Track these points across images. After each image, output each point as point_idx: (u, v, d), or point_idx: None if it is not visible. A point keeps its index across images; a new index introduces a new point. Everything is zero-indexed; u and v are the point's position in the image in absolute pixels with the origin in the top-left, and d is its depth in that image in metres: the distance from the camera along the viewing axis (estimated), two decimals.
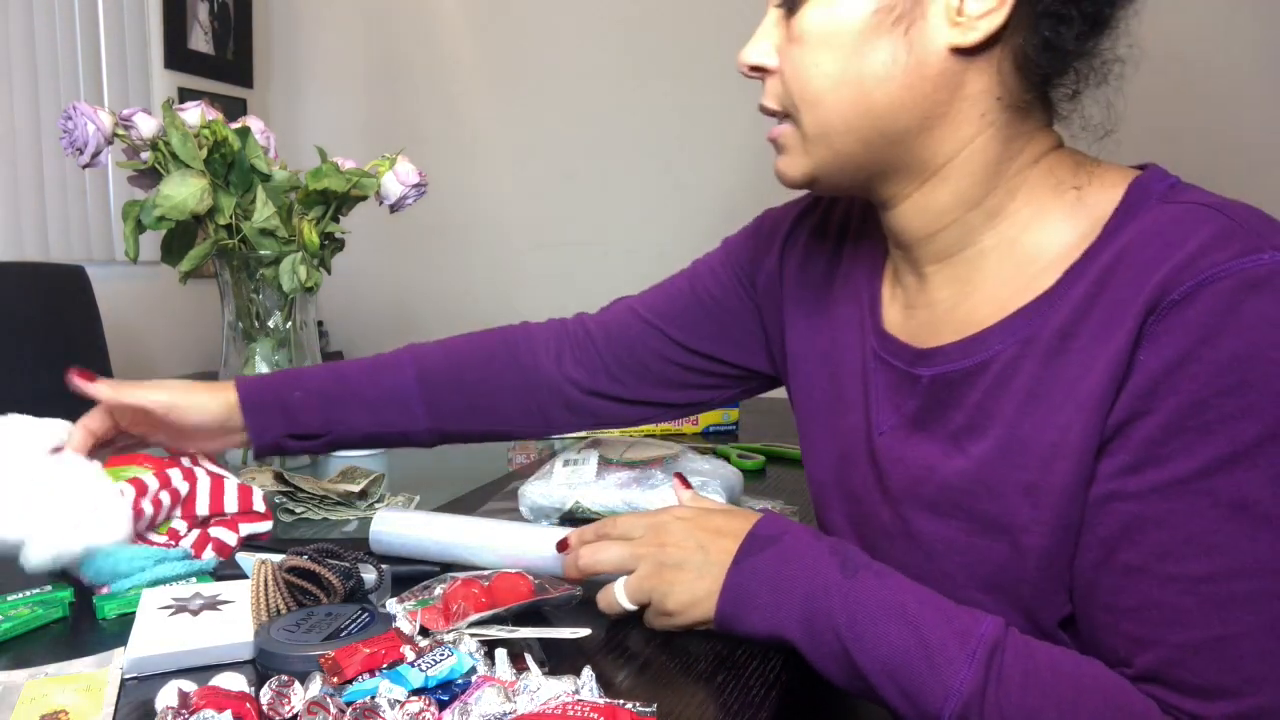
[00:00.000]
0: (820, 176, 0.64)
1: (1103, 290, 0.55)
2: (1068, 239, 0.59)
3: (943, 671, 0.54)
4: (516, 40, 2.73)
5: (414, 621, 0.61)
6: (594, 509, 0.88)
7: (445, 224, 2.79)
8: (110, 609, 0.68)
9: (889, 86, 0.59)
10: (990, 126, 0.60)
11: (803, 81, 0.61)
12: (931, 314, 0.66)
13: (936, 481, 0.62)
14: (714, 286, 0.83)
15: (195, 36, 2.68)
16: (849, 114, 0.60)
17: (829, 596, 0.58)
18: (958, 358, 0.62)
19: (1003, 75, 0.59)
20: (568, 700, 0.50)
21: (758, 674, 0.60)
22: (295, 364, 1.13)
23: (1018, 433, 0.58)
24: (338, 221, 1.15)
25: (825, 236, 0.78)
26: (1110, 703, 0.52)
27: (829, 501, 0.73)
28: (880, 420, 0.67)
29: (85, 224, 2.35)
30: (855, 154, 0.62)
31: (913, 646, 0.55)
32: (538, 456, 1.19)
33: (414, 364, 0.86)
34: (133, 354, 2.39)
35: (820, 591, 0.59)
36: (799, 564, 0.61)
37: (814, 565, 0.60)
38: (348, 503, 0.95)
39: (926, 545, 0.62)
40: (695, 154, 2.53)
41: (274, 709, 0.52)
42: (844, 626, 0.57)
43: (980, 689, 0.53)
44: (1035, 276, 0.60)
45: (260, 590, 0.63)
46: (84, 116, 1.04)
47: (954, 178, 0.62)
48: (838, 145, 0.62)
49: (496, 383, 0.86)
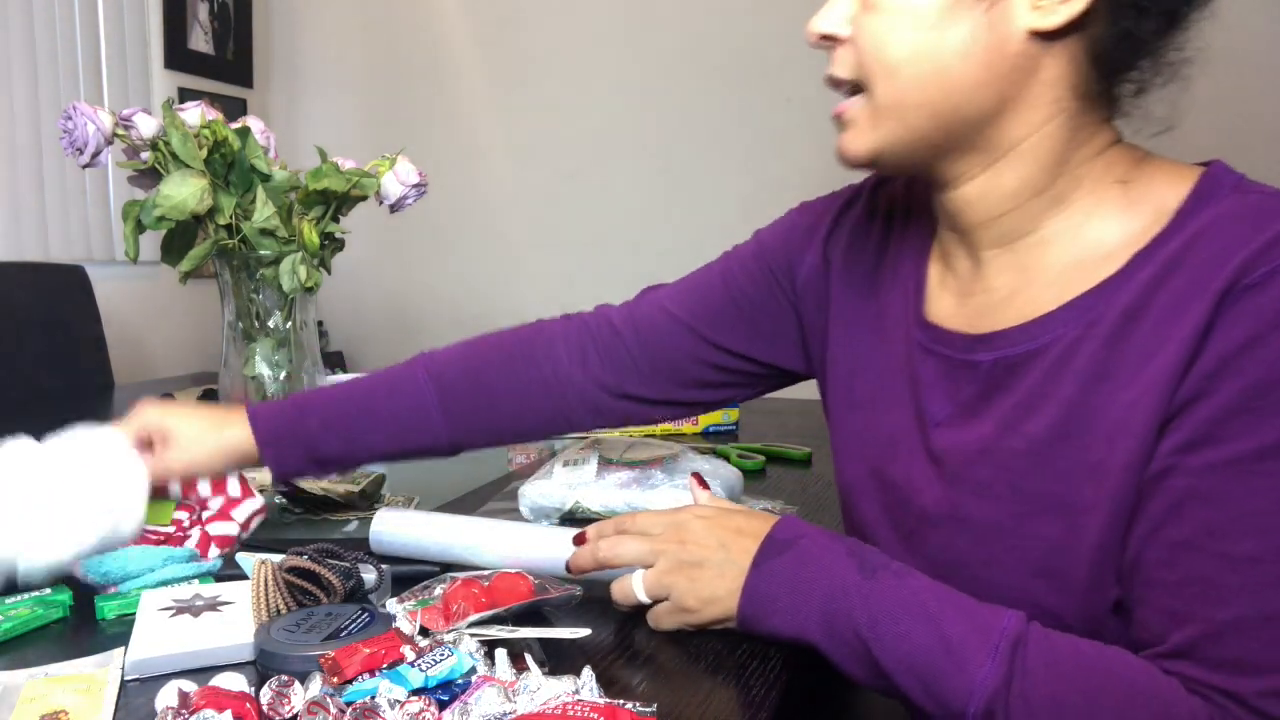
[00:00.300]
0: (886, 153, 0.64)
1: (1173, 273, 0.56)
2: (1131, 229, 0.59)
3: (966, 667, 0.54)
4: (516, 40, 2.73)
5: (414, 621, 0.61)
6: (594, 509, 0.88)
7: (445, 224, 2.79)
8: (110, 609, 0.68)
9: (967, 63, 0.59)
10: (1061, 114, 0.60)
11: (879, 51, 0.61)
12: (988, 300, 0.66)
13: (992, 464, 0.62)
14: (748, 284, 0.81)
15: (195, 36, 2.68)
16: (924, 88, 0.60)
17: (848, 597, 0.58)
18: (1019, 341, 0.62)
19: (1077, 64, 0.59)
20: (568, 700, 0.50)
21: (758, 674, 0.60)
22: (295, 364, 1.13)
23: (1081, 412, 0.58)
24: (338, 221, 1.15)
25: (869, 229, 0.77)
26: (1134, 689, 0.52)
27: (863, 492, 0.73)
28: (935, 410, 0.67)
29: (85, 224, 2.35)
30: (925, 131, 0.62)
31: (935, 644, 0.55)
32: (538, 456, 1.19)
33: (431, 378, 0.83)
34: (133, 354, 2.39)
35: (839, 593, 0.59)
36: (817, 566, 0.61)
37: (832, 567, 0.60)
38: (348, 503, 0.95)
39: (977, 530, 0.62)
40: (695, 154, 2.53)
41: (274, 709, 0.52)
42: (865, 627, 0.57)
43: (1005, 682, 0.53)
44: (1098, 264, 0.60)
45: (260, 590, 0.63)
46: (84, 116, 1.04)
47: (1021, 162, 0.62)
48: (910, 120, 0.61)
49: (519, 391, 0.84)
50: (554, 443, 1.26)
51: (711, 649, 0.64)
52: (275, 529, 0.90)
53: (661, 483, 0.88)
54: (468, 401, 0.83)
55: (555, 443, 1.26)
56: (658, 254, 2.59)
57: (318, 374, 1.16)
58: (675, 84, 2.53)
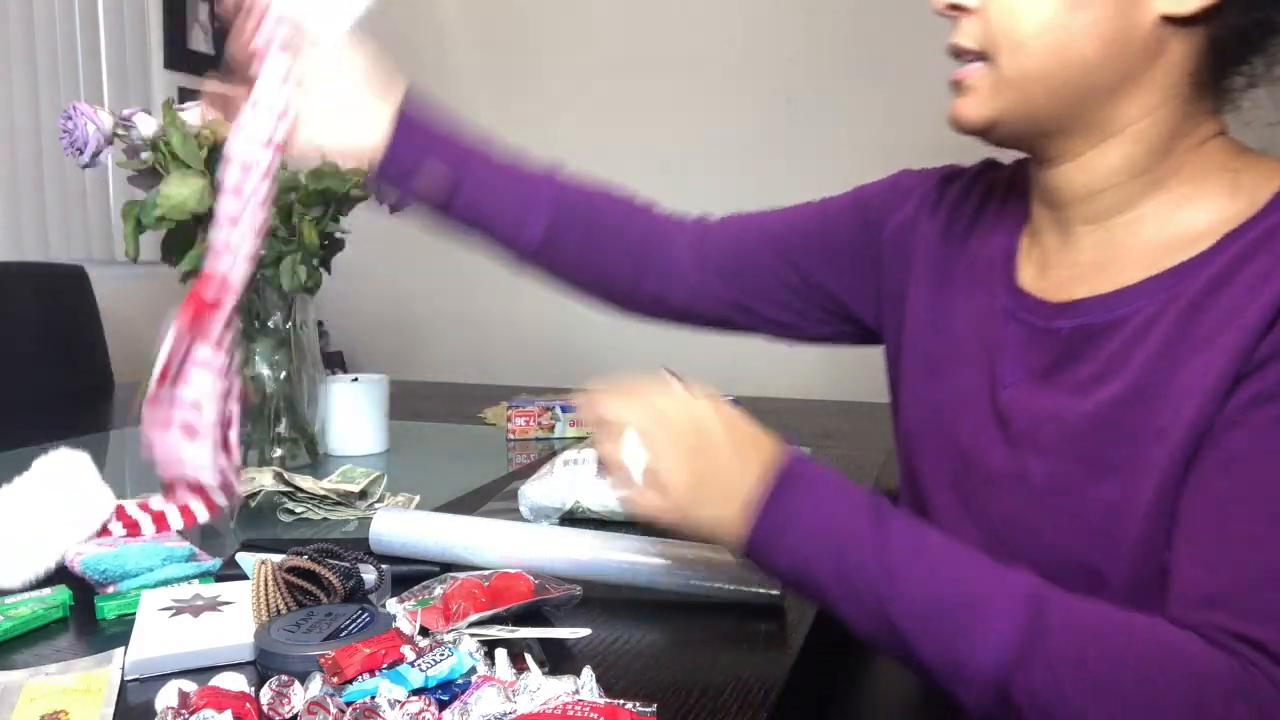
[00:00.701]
0: (1001, 123, 0.64)
1: (1259, 251, 0.57)
2: (1225, 214, 0.60)
3: (986, 620, 0.52)
4: (516, 40, 2.73)
5: (414, 621, 0.61)
6: (594, 509, 0.88)
7: None
8: (110, 609, 0.68)
9: (1095, 42, 0.60)
10: (1174, 99, 0.61)
11: (1011, 22, 0.61)
12: (1073, 272, 0.67)
13: (1060, 427, 0.62)
14: (840, 222, 0.83)
15: (195, 36, 2.68)
16: (1051, 62, 0.61)
17: (861, 543, 0.56)
18: (1100, 311, 0.63)
19: (1199, 51, 0.60)
20: (568, 700, 0.50)
21: (758, 674, 0.60)
22: (295, 364, 1.13)
23: (1153, 378, 0.58)
24: (338, 221, 1.15)
25: (964, 201, 0.78)
26: (1156, 644, 0.51)
27: (922, 451, 0.73)
28: (1008, 374, 0.68)
29: (85, 224, 2.34)
30: (1043, 104, 0.63)
31: (951, 596, 0.53)
32: (538, 456, 1.19)
33: (554, 175, 0.86)
34: (133, 354, 2.39)
35: (853, 537, 0.56)
36: (832, 506, 0.58)
37: (847, 510, 0.58)
38: (348, 503, 0.95)
39: (1038, 492, 0.62)
40: (695, 154, 2.52)
41: (274, 709, 0.52)
42: (878, 574, 0.55)
43: (1028, 638, 0.51)
44: (1187, 244, 0.61)
45: (260, 590, 0.63)
46: (84, 116, 1.04)
47: (1128, 143, 0.63)
48: (1030, 92, 0.62)
49: (623, 230, 0.86)
50: (554, 443, 1.26)
51: (712, 649, 0.64)
52: (275, 529, 0.90)
53: None
54: (576, 208, 0.85)
55: (555, 443, 1.26)
56: None
57: (318, 374, 1.16)
58: (676, 85, 2.53)
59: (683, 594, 0.71)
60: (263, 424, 1.12)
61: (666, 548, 0.72)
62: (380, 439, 1.22)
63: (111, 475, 1.21)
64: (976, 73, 0.64)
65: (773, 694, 0.58)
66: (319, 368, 1.17)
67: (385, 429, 1.23)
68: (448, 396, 1.70)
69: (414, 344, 2.93)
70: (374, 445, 1.21)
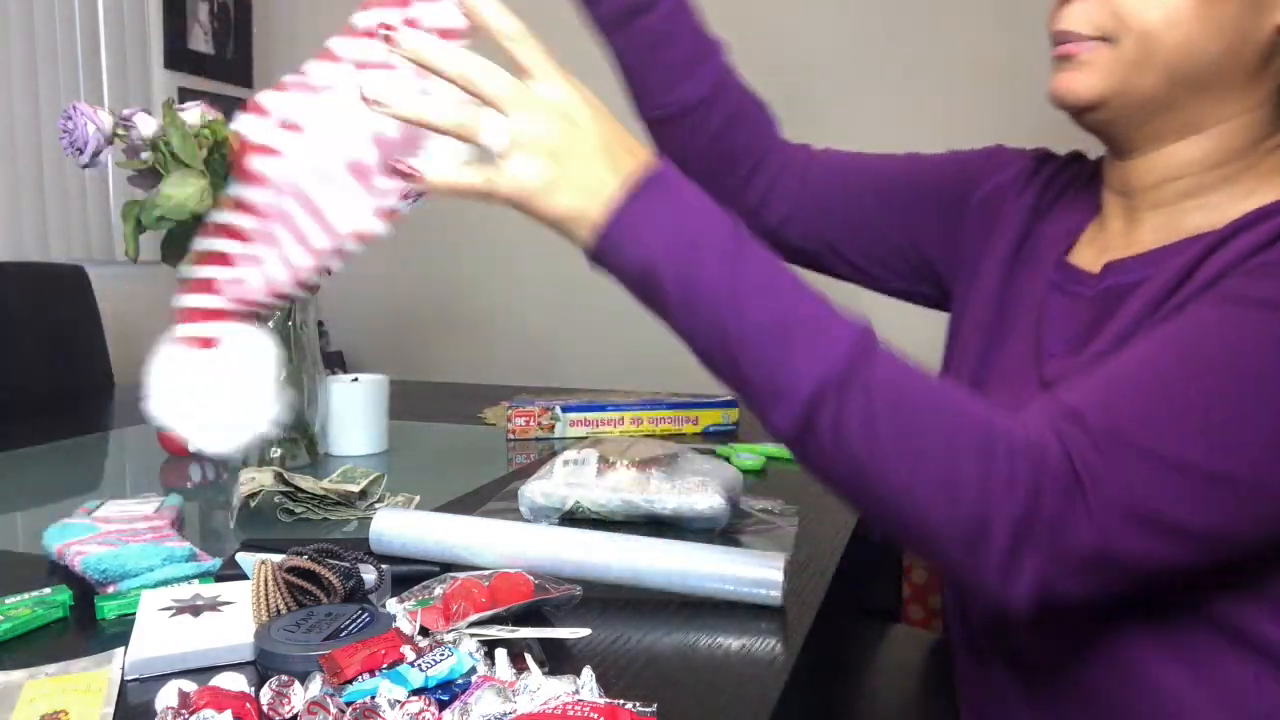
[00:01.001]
0: (1107, 103, 0.66)
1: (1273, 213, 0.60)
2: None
3: (820, 342, 0.53)
4: None
5: (414, 621, 0.61)
6: (594, 509, 0.88)
7: (445, 224, 2.79)
8: (110, 609, 0.68)
9: (1216, 40, 0.62)
10: (1266, 105, 0.65)
11: (1141, 10, 0.63)
12: (1124, 253, 0.69)
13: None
14: (937, 179, 0.86)
15: (195, 36, 2.68)
16: (1172, 54, 0.63)
17: (712, 254, 0.55)
18: (1125, 273, 0.66)
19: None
20: (568, 700, 0.50)
21: (758, 674, 0.61)
22: (295, 364, 1.13)
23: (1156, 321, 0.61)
24: None
25: (1052, 185, 0.81)
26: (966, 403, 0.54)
27: None
28: (1051, 343, 0.70)
29: (85, 224, 2.34)
30: (1153, 92, 0.65)
31: (792, 314, 0.54)
32: (538, 456, 1.19)
33: (724, 50, 0.89)
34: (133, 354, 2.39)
35: (707, 249, 0.55)
36: (694, 215, 0.56)
37: (709, 224, 0.56)
38: (348, 503, 0.95)
39: None
40: None
41: (274, 709, 0.52)
42: (723, 284, 0.54)
43: (854, 365, 0.53)
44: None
45: (260, 590, 0.63)
46: (84, 116, 1.04)
47: (1214, 139, 0.66)
48: (1146, 78, 0.64)
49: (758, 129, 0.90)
50: (554, 443, 1.26)
51: (712, 649, 0.64)
52: (275, 529, 0.90)
53: (661, 483, 0.88)
54: (735, 92, 0.89)
55: (555, 443, 1.26)
56: None
57: (318, 374, 1.16)
58: None
59: (683, 594, 0.71)
60: None
61: (667, 548, 0.72)
62: (380, 439, 1.22)
63: (112, 475, 1.22)
64: (1094, 50, 0.65)
65: (773, 694, 0.58)
66: (319, 368, 1.17)
67: (385, 429, 1.23)
68: (448, 396, 1.70)
69: (414, 344, 2.93)
70: (374, 445, 1.21)
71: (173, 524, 0.83)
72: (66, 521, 0.81)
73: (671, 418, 1.31)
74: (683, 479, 0.88)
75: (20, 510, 0.99)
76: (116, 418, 1.59)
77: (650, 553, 0.71)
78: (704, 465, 0.91)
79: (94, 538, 0.77)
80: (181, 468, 1.16)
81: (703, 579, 0.70)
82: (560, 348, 2.78)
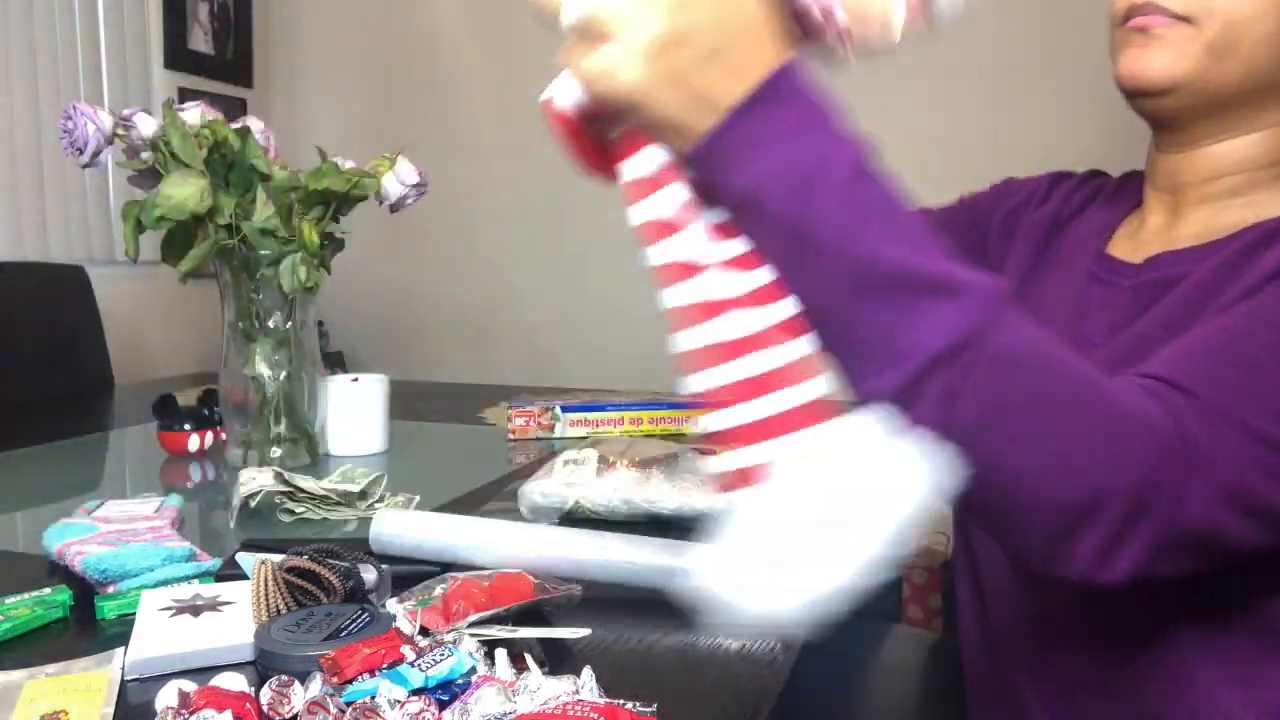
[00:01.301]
0: (1183, 88, 0.64)
1: None
2: None
3: (950, 299, 0.46)
4: (516, 40, 2.73)
5: (414, 621, 0.60)
6: (594, 509, 0.88)
7: (445, 224, 2.79)
8: (110, 609, 0.68)
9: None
10: None
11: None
12: (1165, 246, 0.69)
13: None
14: (951, 227, 0.85)
15: (195, 36, 2.68)
16: (1256, 48, 0.62)
17: (833, 188, 0.47)
18: (1169, 266, 0.66)
19: None
20: (568, 700, 0.50)
21: (758, 674, 0.60)
22: (295, 364, 1.13)
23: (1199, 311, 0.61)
24: (338, 221, 1.15)
25: (1073, 197, 0.81)
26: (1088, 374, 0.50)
27: None
28: (1092, 333, 0.70)
29: (85, 224, 2.35)
30: (1229, 80, 0.64)
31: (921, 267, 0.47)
32: (538, 456, 1.19)
33: None
34: (133, 354, 2.39)
35: (827, 179, 0.47)
36: (815, 136, 0.48)
37: (832, 142, 0.48)
38: (348, 503, 0.95)
39: None
40: None
41: (274, 709, 0.52)
42: (840, 223, 0.47)
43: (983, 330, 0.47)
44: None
45: (260, 590, 0.63)
46: (84, 116, 1.04)
47: (1272, 139, 0.66)
48: (1226, 66, 0.63)
49: None
50: (554, 442, 1.26)
51: (712, 649, 0.64)
52: (275, 529, 0.90)
53: (661, 483, 0.88)
54: None
55: (555, 442, 1.26)
56: None
57: (318, 374, 1.16)
58: None
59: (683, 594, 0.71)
60: (263, 424, 1.12)
61: (667, 548, 0.72)
62: (380, 439, 1.22)
63: (112, 475, 1.22)
64: (1176, 29, 0.63)
65: (773, 695, 0.58)
66: (319, 368, 1.17)
67: (385, 429, 1.23)
68: (448, 396, 1.70)
69: (414, 344, 2.93)
70: (374, 445, 1.21)
71: (173, 524, 0.83)
72: (66, 521, 0.81)
73: (671, 418, 1.31)
74: (683, 479, 0.88)
75: (20, 510, 0.99)
76: (116, 418, 1.59)
77: (650, 553, 0.71)
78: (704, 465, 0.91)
79: (94, 538, 0.77)
80: (181, 468, 1.16)
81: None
82: (560, 348, 2.77)
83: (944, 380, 0.46)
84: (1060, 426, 0.48)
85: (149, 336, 2.50)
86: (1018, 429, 0.48)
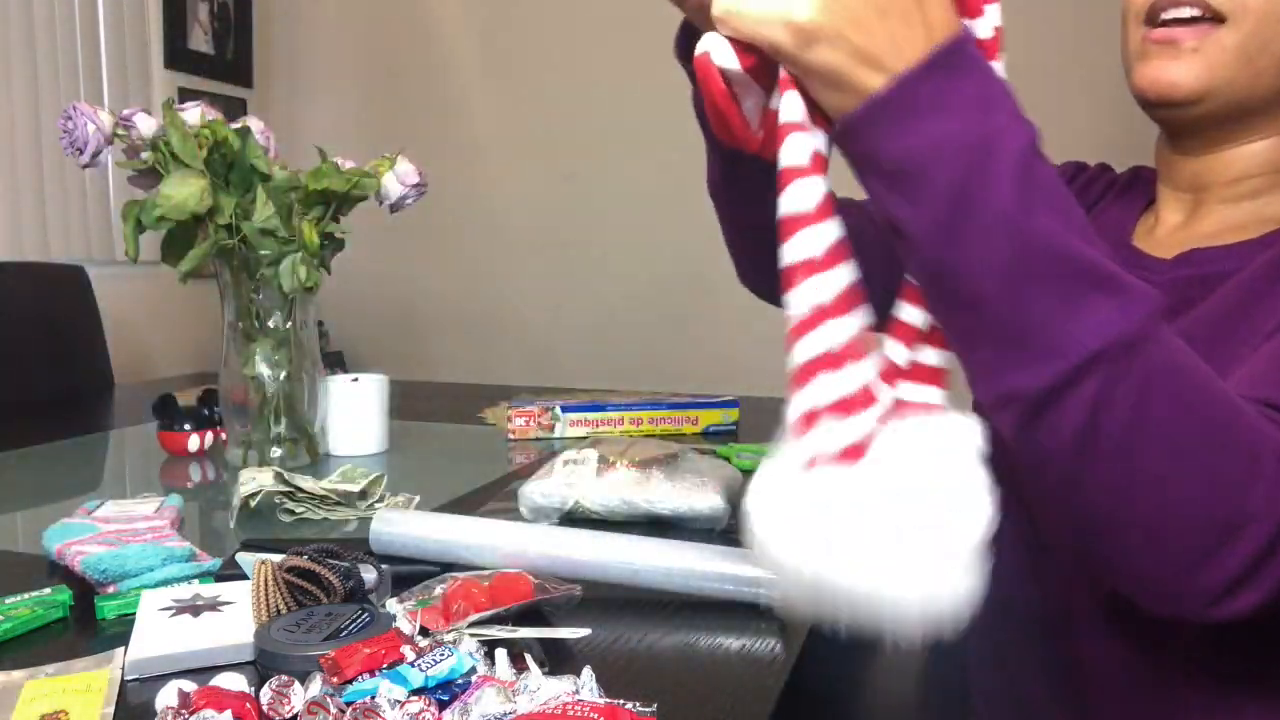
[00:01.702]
0: (1214, 96, 0.63)
1: None
2: None
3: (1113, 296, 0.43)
4: (517, 39, 2.73)
5: (414, 621, 0.61)
6: (594, 509, 0.88)
7: (445, 224, 2.79)
8: (110, 609, 0.68)
9: None
10: None
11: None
12: (1187, 242, 0.68)
13: None
14: None
15: (195, 36, 2.68)
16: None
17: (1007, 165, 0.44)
18: (1209, 263, 0.64)
19: None
20: (568, 700, 0.50)
21: (758, 674, 0.60)
22: (295, 364, 1.13)
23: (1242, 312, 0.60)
24: (338, 221, 1.15)
25: (1086, 193, 0.80)
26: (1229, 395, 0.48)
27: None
28: None
29: (85, 224, 2.35)
30: (1262, 84, 0.62)
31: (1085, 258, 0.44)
32: (538, 456, 1.19)
33: None
34: (133, 354, 2.39)
35: (1001, 155, 0.44)
36: (990, 108, 0.45)
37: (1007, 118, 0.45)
38: (348, 503, 0.95)
39: None
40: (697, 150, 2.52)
41: (274, 709, 0.52)
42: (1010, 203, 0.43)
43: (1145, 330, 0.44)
44: None
45: (260, 590, 0.63)
46: (84, 116, 1.04)
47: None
48: (1258, 68, 0.61)
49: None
50: (554, 442, 1.26)
51: (712, 649, 0.64)
52: (275, 529, 0.90)
53: (661, 483, 0.88)
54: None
55: (555, 442, 1.26)
56: (661, 252, 2.59)
57: (318, 374, 1.16)
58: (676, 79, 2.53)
59: (682, 594, 0.71)
60: (263, 424, 1.12)
61: (666, 548, 0.72)
62: (380, 439, 1.22)
63: (112, 475, 1.22)
64: (1207, 35, 0.61)
65: (773, 695, 0.58)
66: (319, 368, 1.17)
67: (385, 429, 1.23)
68: (448, 396, 1.70)
69: (414, 344, 2.93)
70: (374, 445, 1.21)
71: (173, 524, 0.83)
72: (66, 521, 0.81)
73: (671, 418, 1.31)
74: (683, 479, 0.88)
75: (20, 510, 0.99)
76: (116, 418, 1.59)
77: (649, 552, 0.71)
78: (704, 465, 0.91)
79: (94, 538, 0.77)
80: (181, 468, 1.16)
81: (703, 579, 0.70)
82: (560, 348, 2.77)
83: (1101, 380, 0.43)
84: (1213, 444, 0.45)
85: (149, 336, 2.50)
86: (1167, 446, 0.45)
